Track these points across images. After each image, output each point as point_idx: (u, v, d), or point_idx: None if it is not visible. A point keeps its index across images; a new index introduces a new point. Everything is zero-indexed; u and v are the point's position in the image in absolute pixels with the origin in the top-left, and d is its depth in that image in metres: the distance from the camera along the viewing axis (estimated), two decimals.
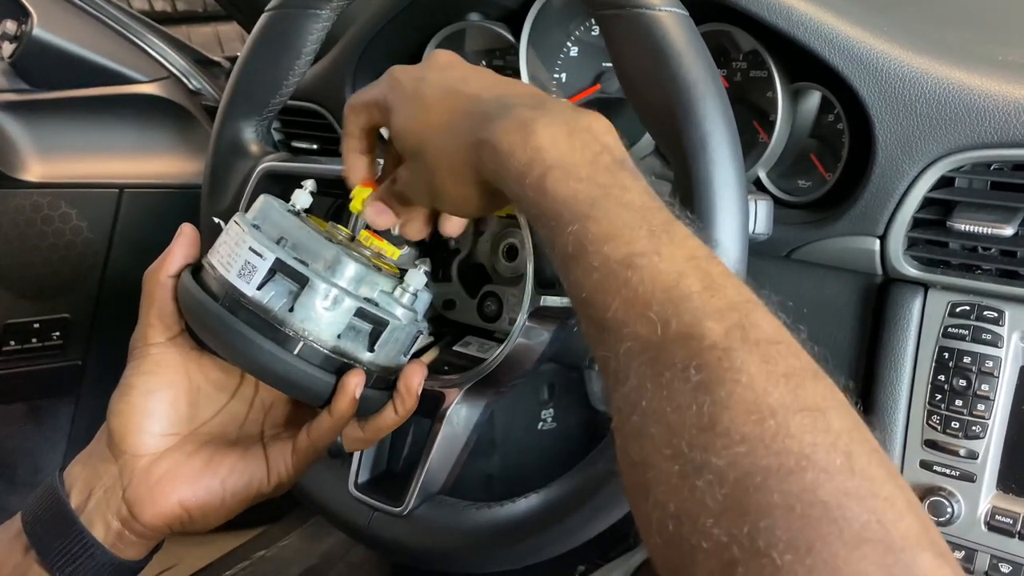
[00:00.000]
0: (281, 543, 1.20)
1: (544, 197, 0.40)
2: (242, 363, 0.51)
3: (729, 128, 0.49)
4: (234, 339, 0.49)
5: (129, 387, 0.52)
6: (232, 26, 2.36)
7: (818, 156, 0.72)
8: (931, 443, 0.65)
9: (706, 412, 0.32)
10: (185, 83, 1.18)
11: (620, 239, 0.38)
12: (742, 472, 0.31)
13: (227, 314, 0.49)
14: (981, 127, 0.59)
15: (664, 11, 0.49)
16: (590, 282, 0.38)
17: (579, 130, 0.42)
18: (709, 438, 0.32)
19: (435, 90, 0.48)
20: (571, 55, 0.83)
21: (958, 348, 0.63)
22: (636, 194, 0.40)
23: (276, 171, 0.66)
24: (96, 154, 1.13)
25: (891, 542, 0.29)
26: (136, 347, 0.54)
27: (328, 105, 0.91)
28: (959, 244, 0.63)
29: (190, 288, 0.51)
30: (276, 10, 0.66)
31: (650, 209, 0.39)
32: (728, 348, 0.34)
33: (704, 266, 0.37)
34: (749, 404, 0.32)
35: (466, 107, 0.46)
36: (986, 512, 0.63)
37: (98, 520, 0.51)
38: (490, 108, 0.45)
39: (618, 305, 0.36)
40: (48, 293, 1.12)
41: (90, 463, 0.53)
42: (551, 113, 0.43)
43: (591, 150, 0.42)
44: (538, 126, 0.42)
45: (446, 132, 0.46)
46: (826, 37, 0.64)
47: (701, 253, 0.38)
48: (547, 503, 0.56)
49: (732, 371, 0.33)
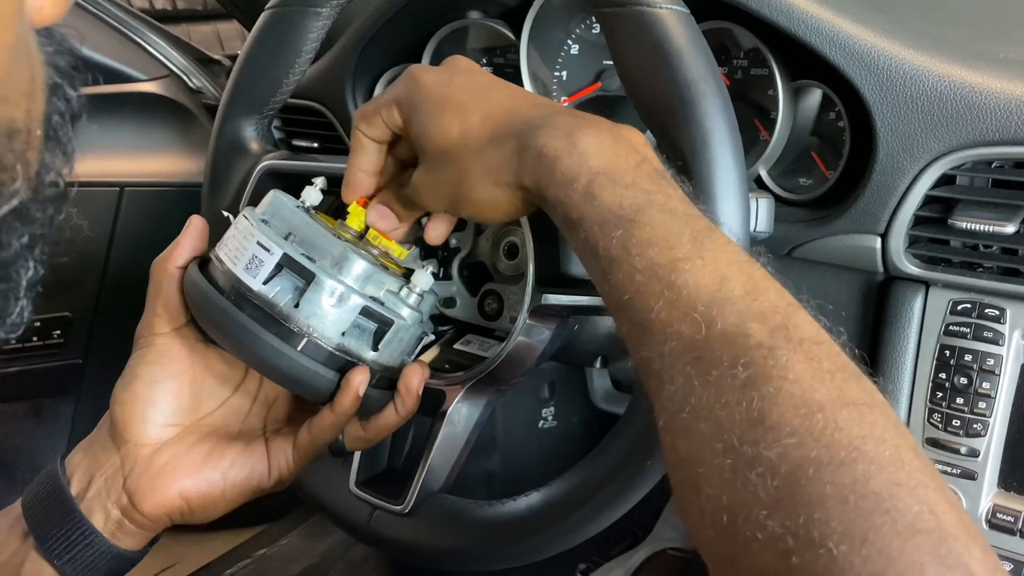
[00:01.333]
0: (282, 541, 1.20)
1: (591, 202, 0.41)
2: (245, 357, 0.50)
3: (730, 126, 0.49)
4: (238, 332, 0.49)
5: (133, 376, 0.53)
6: (232, 24, 2.36)
7: (819, 154, 0.72)
8: (932, 441, 0.65)
9: (755, 407, 0.33)
10: (186, 81, 1.18)
11: (665, 244, 0.39)
12: (794, 464, 0.31)
13: (232, 307, 0.49)
14: (982, 125, 0.59)
15: (665, 9, 0.49)
16: (633, 285, 0.39)
17: (621, 140, 0.44)
18: (760, 432, 0.33)
19: (466, 94, 0.48)
20: (572, 53, 0.83)
21: (959, 346, 0.63)
22: (678, 201, 0.41)
23: (277, 169, 0.66)
24: (96, 152, 1.13)
25: (944, 533, 0.30)
26: (141, 336, 0.54)
27: (328, 103, 0.91)
28: (960, 242, 0.63)
29: (196, 280, 0.51)
30: (276, 8, 0.65)
31: (692, 216, 0.41)
32: (773, 347, 0.35)
33: (747, 269, 0.39)
34: (797, 399, 0.33)
35: (505, 113, 0.47)
36: (987, 510, 0.63)
37: (98, 508, 0.51)
38: (532, 115, 0.46)
39: (662, 306, 0.38)
40: (48, 291, 1.10)
41: (91, 452, 0.53)
42: (594, 123, 0.44)
43: (633, 159, 0.43)
44: (584, 134, 0.43)
45: (483, 136, 0.47)
46: (827, 35, 0.64)
47: (742, 258, 0.39)
48: (548, 501, 0.56)
49: (778, 368, 0.34)
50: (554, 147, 0.43)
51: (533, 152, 0.44)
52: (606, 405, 0.78)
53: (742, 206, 0.49)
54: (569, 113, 0.46)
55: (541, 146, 0.44)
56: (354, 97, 0.90)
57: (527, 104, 0.48)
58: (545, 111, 0.46)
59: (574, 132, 0.43)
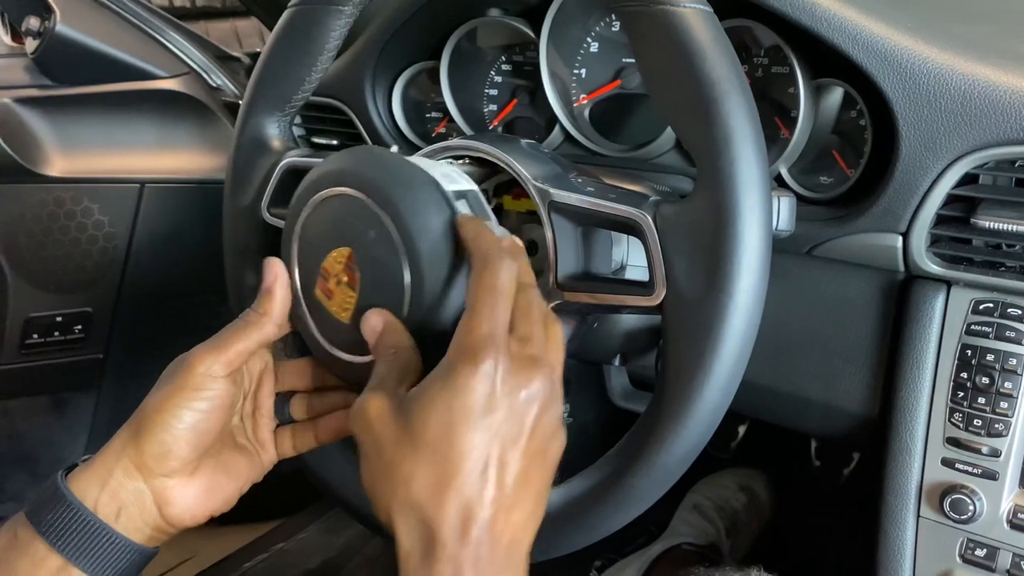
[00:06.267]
0: (299, 536, 1.20)
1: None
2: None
3: (753, 125, 0.49)
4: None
5: (176, 418, 0.51)
6: (250, 21, 2.37)
7: (840, 152, 0.72)
8: (953, 441, 0.64)
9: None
10: (205, 79, 1.19)
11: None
12: None
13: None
14: (1006, 123, 0.59)
15: (688, 8, 0.49)
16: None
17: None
18: None
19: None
20: (591, 51, 0.83)
21: (981, 345, 0.63)
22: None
23: (298, 166, 0.67)
24: (117, 149, 1.14)
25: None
26: (195, 375, 0.51)
27: (348, 101, 0.92)
28: (983, 241, 0.63)
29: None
30: (299, 6, 0.66)
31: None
32: None
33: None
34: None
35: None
36: (1008, 510, 0.63)
37: (132, 532, 0.51)
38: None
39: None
40: (70, 287, 1.13)
41: (112, 481, 0.51)
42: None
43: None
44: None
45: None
46: (849, 33, 0.63)
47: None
48: (568, 498, 0.56)
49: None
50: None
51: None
52: (624, 403, 0.77)
53: (765, 205, 0.49)
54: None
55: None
56: (374, 94, 0.91)
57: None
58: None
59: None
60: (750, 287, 0.48)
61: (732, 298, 0.48)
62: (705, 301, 0.49)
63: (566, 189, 0.56)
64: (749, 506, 1.28)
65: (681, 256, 0.50)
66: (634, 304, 0.53)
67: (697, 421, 0.50)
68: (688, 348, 0.49)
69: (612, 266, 0.61)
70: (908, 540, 0.67)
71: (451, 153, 0.62)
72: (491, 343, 0.44)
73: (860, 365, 0.71)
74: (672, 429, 0.50)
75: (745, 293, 0.48)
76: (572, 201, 0.55)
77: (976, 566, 0.64)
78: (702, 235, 0.49)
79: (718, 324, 0.48)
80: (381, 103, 0.92)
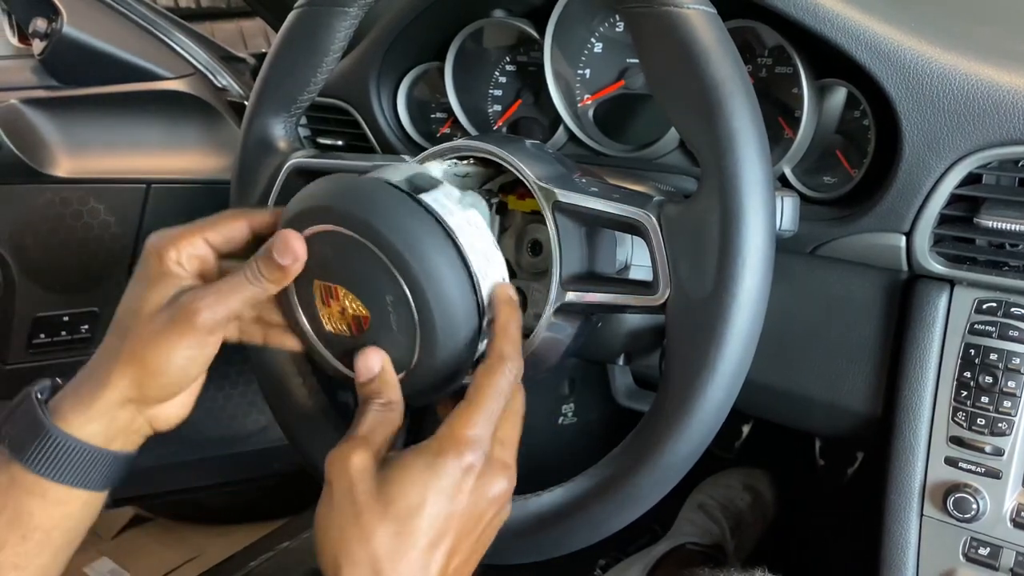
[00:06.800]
0: (304, 535, 1.21)
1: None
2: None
3: (757, 126, 0.49)
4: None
5: (189, 359, 0.52)
6: (256, 22, 2.38)
7: (843, 152, 0.72)
8: (956, 440, 0.64)
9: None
10: (211, 79, 1.19)
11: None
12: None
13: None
14: (1009, 123, 0.59)
15: (693, 8, 0.49)
16: None
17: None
18: None
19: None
20: (595, 51, 0.83)
21: (984, 345, 0.63)
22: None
23: (304, 167, 0.67)
24: (124, 150, 1.14)
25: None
26: (211, 320, 0.52)
27: (354, 102, 0.92)
28: (986, 241, 0.63)
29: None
30: (305, 7, 0.66)
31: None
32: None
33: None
34: None
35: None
36: (1012, 509, 0.63)
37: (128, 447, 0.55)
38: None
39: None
40: (77, 287, 1.13)
41: (108, 415, 0.53)
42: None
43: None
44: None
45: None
46: (853, 33, 0.63)
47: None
48: (572, 496, 0.56)
49: None
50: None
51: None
52: (628, 402, 0.78)
53: (768, 205, 0.49)
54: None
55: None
56: (379, 95, 0.91)
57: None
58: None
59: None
60: (754, 287, 0.49)
61: (736, 298, 0.48)
62: (709, 301, 0.49)
63: (570, 189, 0.56)
64: (753, 505, 1.28)
65: (685, 256, 0.50)
66: (638, 304, 0.53)
67: (701, 420, 0.50)
68: (692, 348, 0.50)
69: (616, 266, 0.62)
70: (912, 539, 0.67)
71: (456, 154, 0.62)
72: (479, 443, 0.49)
73: (864, 364, 0.71)
74: (676, 428, 0.51)
75: (749, 293, 0.48)
76: (576, 201, 0.55)
77: (980, 565, 0.64)
78: (706, 235, 0.49)
79: (722, 324, 0.49)
80: (386, 104, 0.92)
